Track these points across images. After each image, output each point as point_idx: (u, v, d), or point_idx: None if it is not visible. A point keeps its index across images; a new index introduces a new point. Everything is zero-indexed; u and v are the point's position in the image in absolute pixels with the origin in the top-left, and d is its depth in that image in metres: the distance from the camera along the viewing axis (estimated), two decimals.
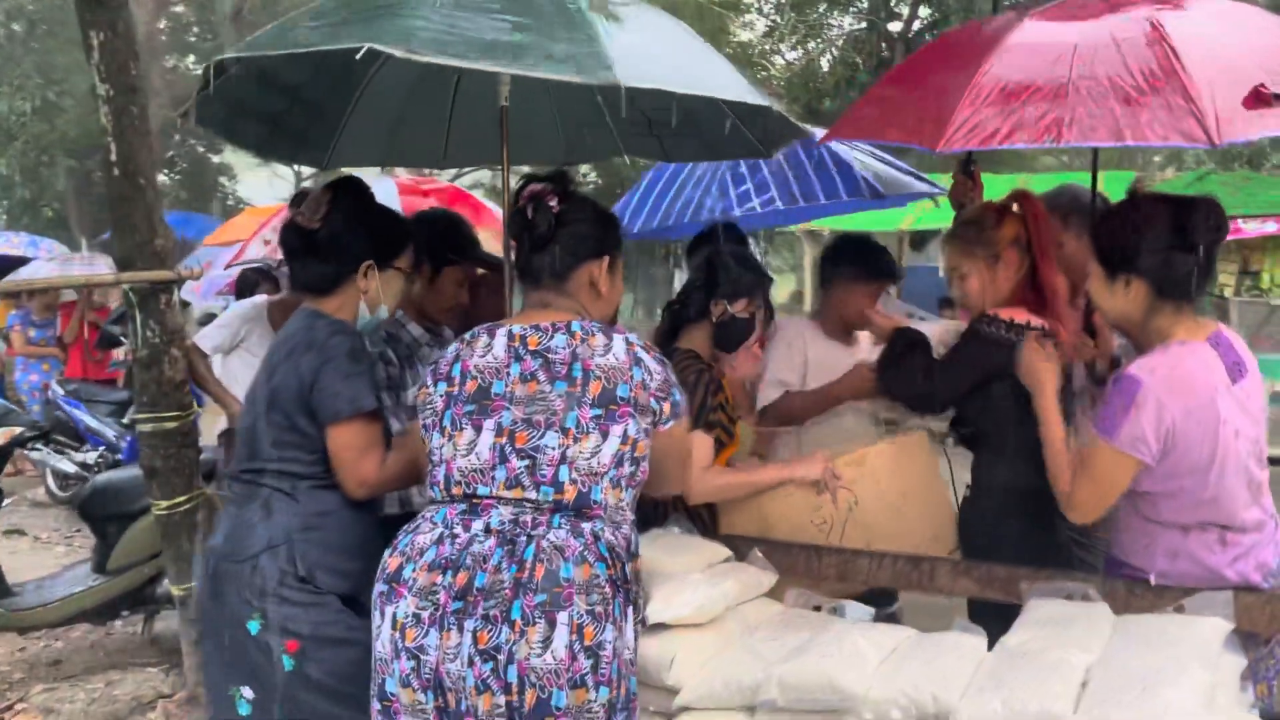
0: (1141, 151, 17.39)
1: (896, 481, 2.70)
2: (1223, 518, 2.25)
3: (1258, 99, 2.14)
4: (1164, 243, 2.20)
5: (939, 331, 3.06)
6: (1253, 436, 2.25)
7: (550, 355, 1.94)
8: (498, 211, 4.84)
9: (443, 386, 2.02)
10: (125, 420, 7.44)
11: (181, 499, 3.79)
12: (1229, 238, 9.29)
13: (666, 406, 1.98)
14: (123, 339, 6.90)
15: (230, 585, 2.20)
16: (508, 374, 1.95)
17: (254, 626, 2.17)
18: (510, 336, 1.99)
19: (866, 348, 3.34)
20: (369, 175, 4.33)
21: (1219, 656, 1.95)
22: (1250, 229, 9.92)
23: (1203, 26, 2.39)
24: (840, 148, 3.73)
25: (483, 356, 1.99)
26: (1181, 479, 2.22)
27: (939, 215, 8.30)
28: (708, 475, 2.53)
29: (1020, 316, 2.59)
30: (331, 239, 2.32)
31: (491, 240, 4.24)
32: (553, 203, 2.03)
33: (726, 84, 2.43)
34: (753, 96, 2.43)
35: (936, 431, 3.11)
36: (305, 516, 2.23)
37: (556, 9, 2.27)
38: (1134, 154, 17.25)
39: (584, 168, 20.56)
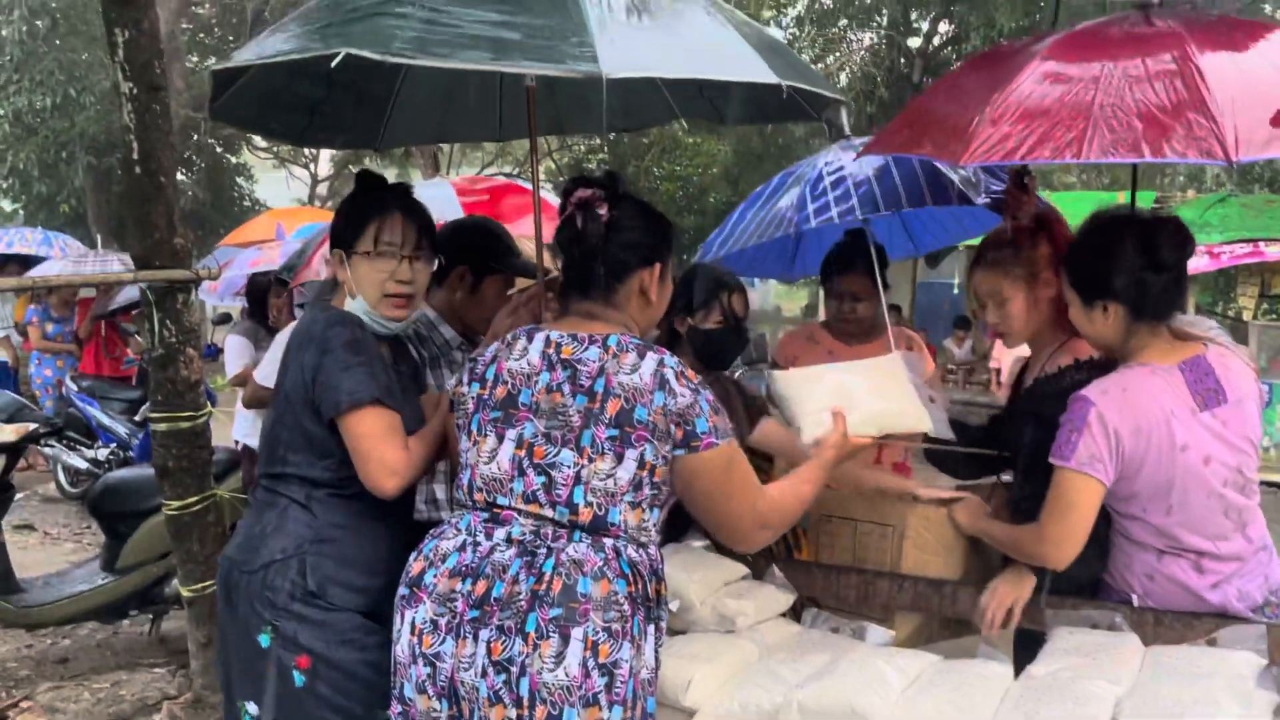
0: (1162, 172, 17.35)
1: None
2: (1193, 545, 2.24)
3: None
4: (1135, 264, 2.22)
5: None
6: (1232, 464, 2.22)
7: (579, 367, 1.88)
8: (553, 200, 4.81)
9: (475, 388, 1.98)
10: (138, 418, 7.44)
11: (193, 499, 3.77)
12: (1250, 260, 9.22)
13: (679, 433, 1.84)
14: (137, 336, 6.91)
15: (242, 595, 2.15)
16: (536, 382, 1.90)
17: (264, 639, 2.11)
18: (547, 342, 1.94)
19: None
20: (420, 181, 4.29)
21: (1252, 691, 1.90)
22: (1272, 252, 9.81)
23: (1232, 48, 2.38)
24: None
25: (518, 360, 1.94)
26: (1141, 502, 2.23)
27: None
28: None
29: (1084, 352, 2.48)
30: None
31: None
32: (603, 210, 1.94)
33: (727, 62, 2.28)
34: (758, 72, 2.26)
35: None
36: (319, 528, 2.15)
37: None
38: (1154, 174, 17.20)
39: (594, 146, 20.59)
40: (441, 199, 4.72)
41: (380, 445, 2.09)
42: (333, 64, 1.93)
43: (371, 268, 2.24)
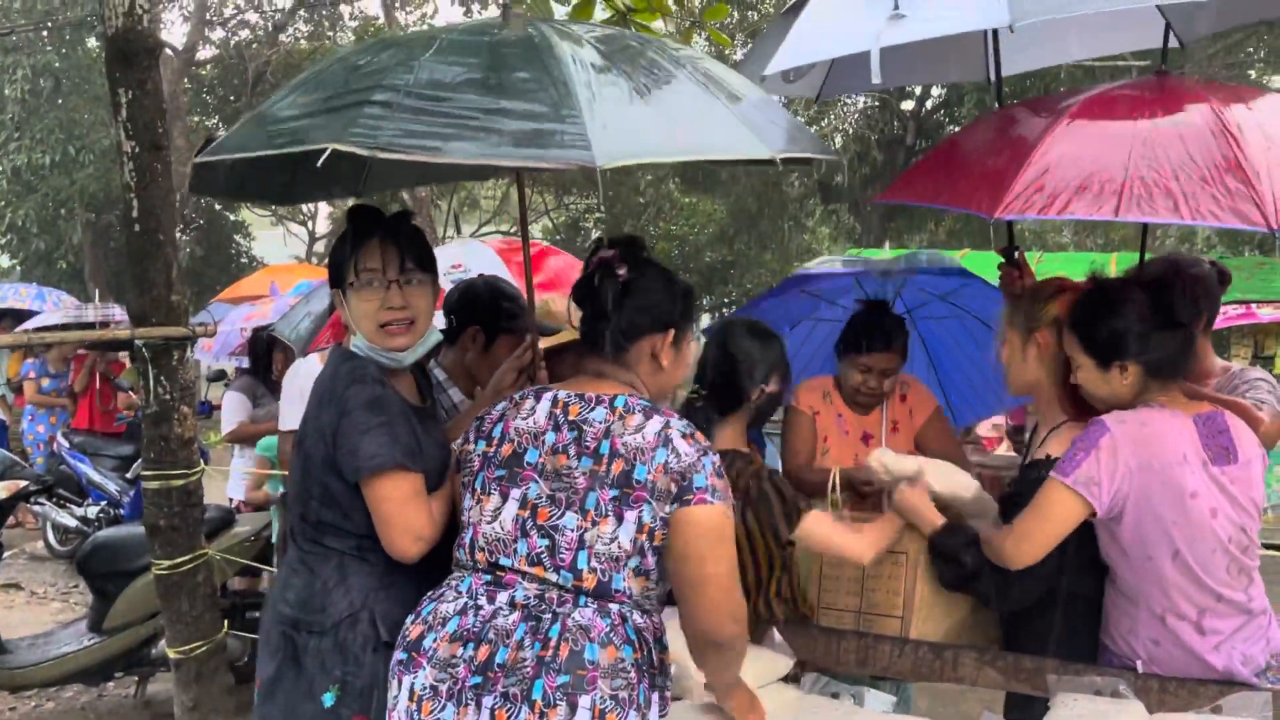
0: (1153, 234, 17.51)
1: None
2: (1198, 599, 2.22)
3: None
4: (1151, 324, 2.23)
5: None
6: (1238, 522, 2.22)
7: (586, 429, 1.86)
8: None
9: (481, 445, 1.97)
10: (130, 475, 7.38)
11: (183, 559, 3.72)
12: (1243, 321, 9.30)
13: (675, 487, 1.80)
14: (130, 391, 6.88)
15: (311, 655, 2.07)
16: (543, 442, 1.89)
17: (328, 699, 2.05)
18: (554, 402, 1.93)
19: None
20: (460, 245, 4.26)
21: None
22: (1264, 314, 9.88)
23: (1264, 116, 2.41)
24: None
25: (525, 420, 1.93)
26: (1147, 546, 2.21)
27: None
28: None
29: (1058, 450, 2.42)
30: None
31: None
32: (621, 271, 1.95)
33: (719, 139, 2.19)
34: (751, 147, 2.17)
35: None
36: (381, 575, 2.11)
37: (536, 80, 2.04)
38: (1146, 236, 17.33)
39: (591, 205, 20.67)
40: (487, 262, 4.79)
41: (403, 511, 2.04)
42: (319, 162, 1.85)
43: (360, 299, 2.16)
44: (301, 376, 4.25)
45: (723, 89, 2.32)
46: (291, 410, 4.35)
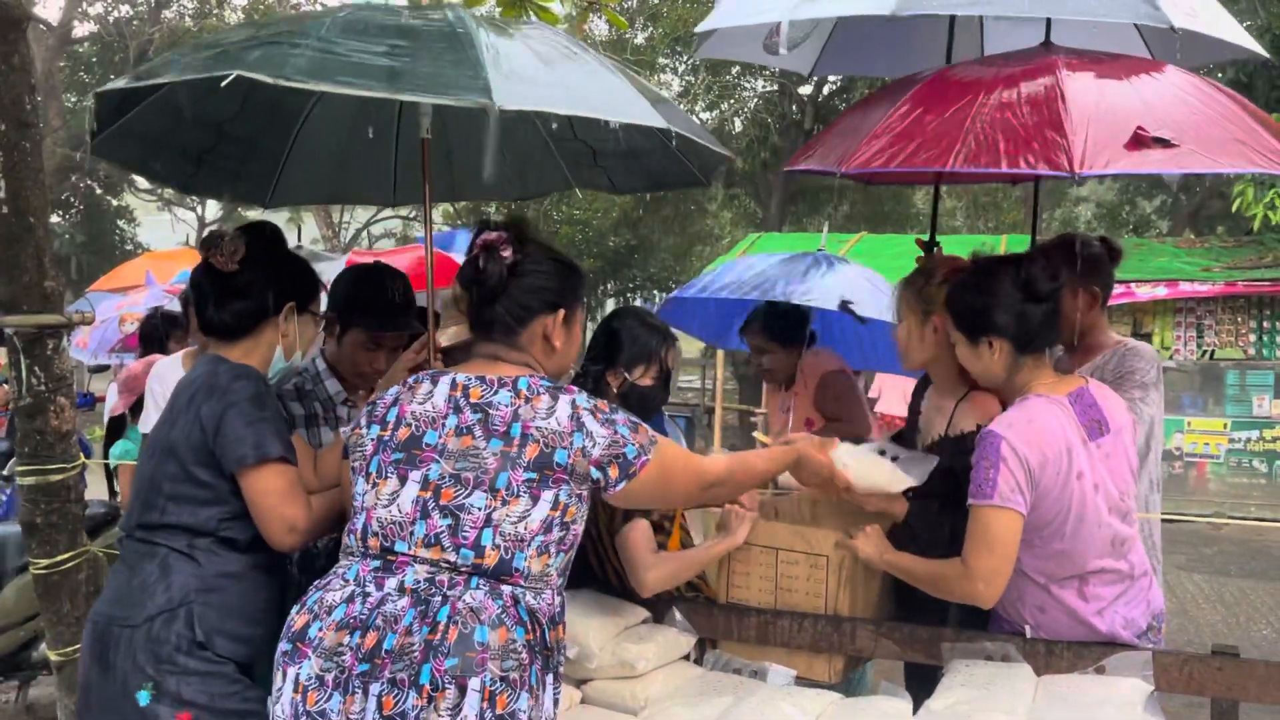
0: (1040, 217, 18.16)
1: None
2: (1078, 570, 2.29)
3: (1136, 141, 2.30)
4: (1013, 299, 2.30)
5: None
6: (1115, 493, 2.30)
7: (491, 411, 1.85)
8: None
9: (375, 430, 1.93)
10: (5, 472, 7.04)
11: (64, 557, 3.56)
12: (1122, 300, 9.68)
13: (614, 470, 1.86)
14: (4, 384, 6.56)
15: (122, 652, 2.04)
16: (443, 425, 1.86)
17: (143, 697, 2.01)
18: (453, 385, 1.90)
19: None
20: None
21: (1140, 718, 1.95)
22: (1142, 293, 10.33)
23: (1105, 78, 2.55)
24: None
25: (422, 404, 1.90)
26: (1039, 529, 2.27)
27: None
28: (655, 565, 2.39)
29: (987, 416, 2.46)
30: (253, 280, 2.24)
31: None
32: (506, 252, 1.93)
33: (617, 104, 2.30)
34: (648, 117, 2.29)
35: None
36: (205, 577, 2.10)
37: (442, 35, 2.21)
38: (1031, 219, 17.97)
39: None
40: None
41: (283, 502, 2.09)
42: (223, 84, 1.91)
43: (313, 330, 2.44)
44: (168, 383, 4.07)
45: (630, 77, 2.48)
46: (158, 413, 4.16)
